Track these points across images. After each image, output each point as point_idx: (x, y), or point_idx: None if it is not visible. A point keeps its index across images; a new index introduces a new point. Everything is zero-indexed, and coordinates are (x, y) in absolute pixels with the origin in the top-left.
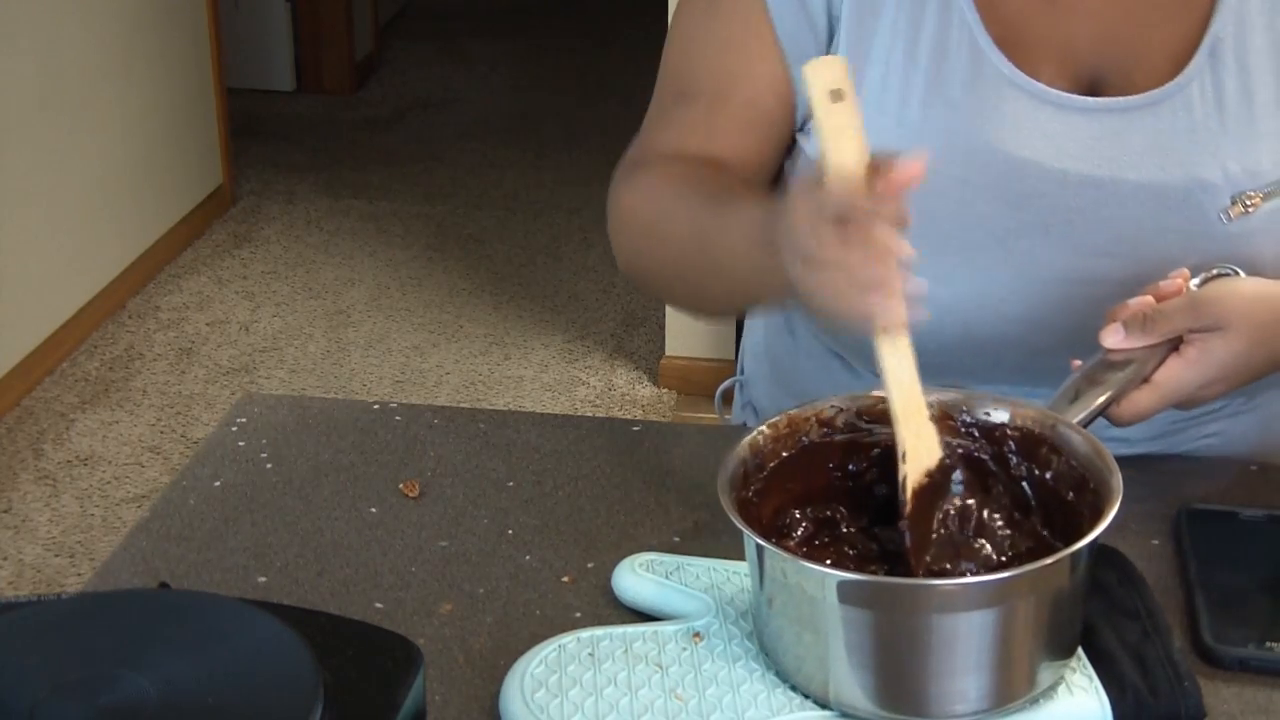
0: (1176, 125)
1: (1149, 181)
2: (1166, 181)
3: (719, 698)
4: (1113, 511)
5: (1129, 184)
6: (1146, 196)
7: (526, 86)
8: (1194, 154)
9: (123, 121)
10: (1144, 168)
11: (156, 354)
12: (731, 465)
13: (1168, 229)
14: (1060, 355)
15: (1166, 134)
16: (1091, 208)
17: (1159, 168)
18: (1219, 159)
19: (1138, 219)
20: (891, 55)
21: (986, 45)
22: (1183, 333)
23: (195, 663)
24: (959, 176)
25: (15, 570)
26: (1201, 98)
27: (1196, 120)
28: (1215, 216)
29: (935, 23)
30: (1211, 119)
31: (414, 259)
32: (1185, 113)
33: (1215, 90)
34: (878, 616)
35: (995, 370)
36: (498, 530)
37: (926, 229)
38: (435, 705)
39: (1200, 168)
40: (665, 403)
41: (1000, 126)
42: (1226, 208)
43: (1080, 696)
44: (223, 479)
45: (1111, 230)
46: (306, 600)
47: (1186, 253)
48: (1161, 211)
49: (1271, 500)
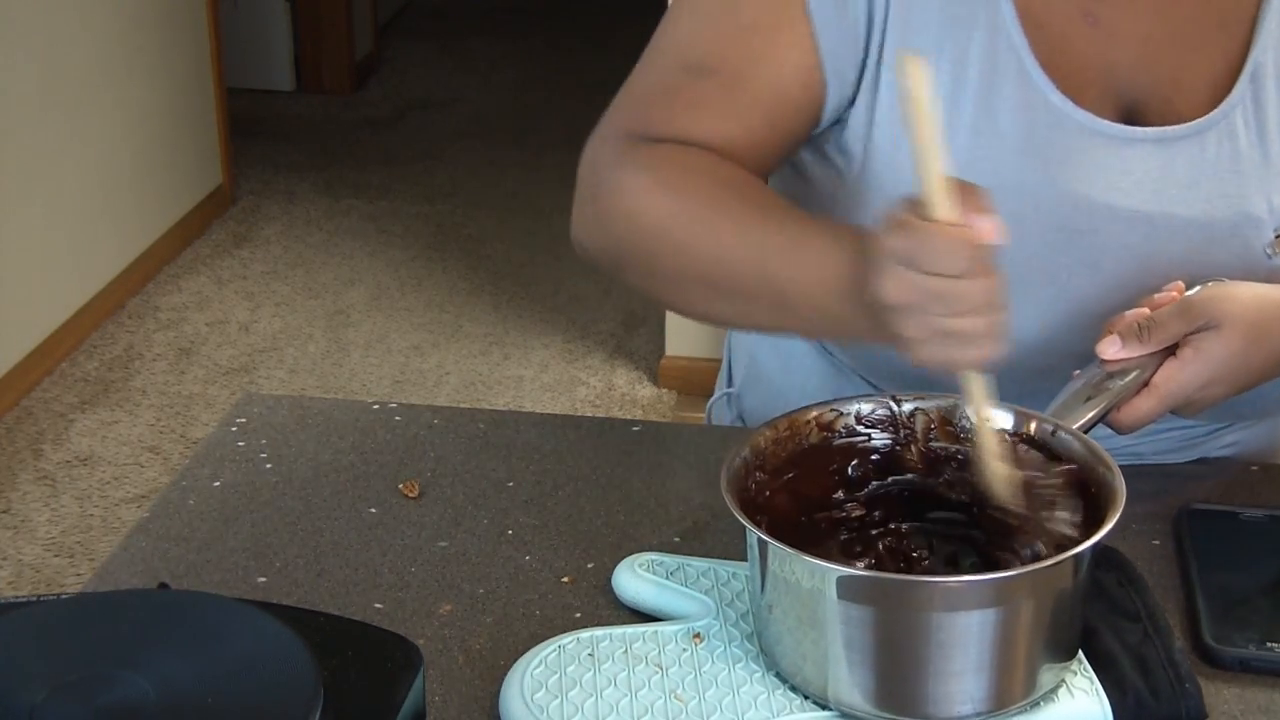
0: (1221, 156)
1: (1196, 216)
2: (1214, 215)
3: (719, 699)
4: (1115, 516)
5: (1178, 219)
6: (1194, 231)
7: (526, 86)
8: (1239, 186)
9: (123, 121)
10: (1191, 202)
11: (156, 354)
12: (734, 464)
13: (1215, 264)
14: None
15: (1211, 165)
16: (1141, 243)
17: (1205, 201)
18: (1264, 191)
19: (1186, 254)
20: (938, 76)
21: (1034, 70)
22: (1179, 338)
23: (195, 663)
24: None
25: (15, 570)
26: (1245, 126)
27: (1240, 150)
28: (1261, 251)
29: (983, 43)
30: (1255, 149)
31: (414, 259)
32: (1230, 142)
33: (1258, 118)
34: (877, 613)
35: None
36: (498, 530)
37: None
38: (435, 705)
39: (1246, 201)
40: (665, 403)
41: (1051, 159)
42: (1271, 242)
43: (1081, 698)
44: (222, 479)
45: (1161, 266)
46: (306, 600)
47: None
48: (1209, 247)
49: (1271, 500)
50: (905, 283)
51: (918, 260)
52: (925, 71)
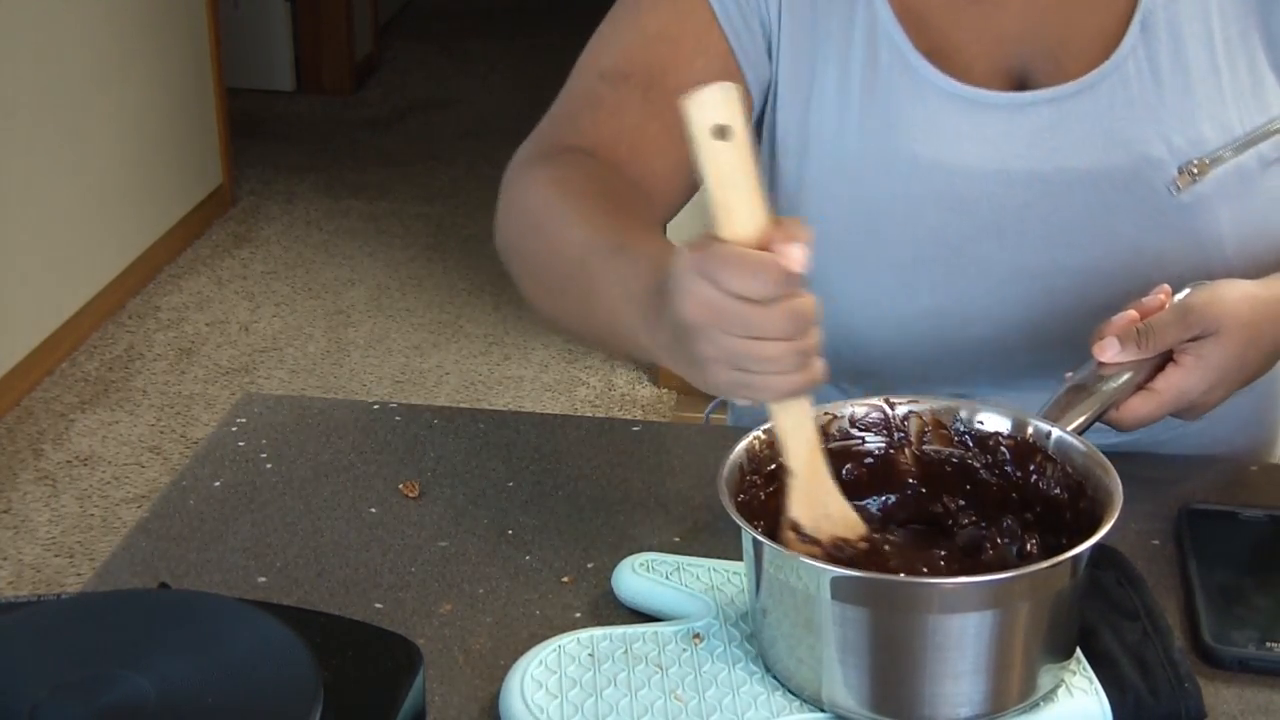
0: (1115, 105)
1: (1094, 167)
2: (1112, 164)
3: (719, 699)
4: (1113, 517)
5: (1074, 172)
6: (1094, 181)
7: (526, 86)
8: (1135, 131)
9: (123, 121)
10: (1087, 154)
11: (156, 354)
12: (730, 466)
13: (1119, 209)
14: (1034, 351)
15: (1105, 116)
16: (1040, 201)
17: (1102, 151)
18: (1161, 133)
19: (1088, 205)
20: (827, 85)
21: (914, 58)
22: (1176, 344)
23: (195, 663)
24: (903, 192)
25: (15, 570)
26: (1137, 74)
27: (1134, 96)
28: (1165, 190)
29: (863, 42)
30: (1149, 94)
31: (414, 259)
32: (1122, 91)
33: (1150, 64)
34: (873, 615)
35: (975, 374)
36: (498, 530)
37: (881, 246)
38: (435, 705)
39: (1144, 144)
40: (665, 403)
41: (936, 137)
42: (1174, 179)
43: (1080, 698)
44: (223, 479)
45: (1063, 220)
46: (306, 600)
47: (1140, 232)
48: (1111, 194)
49: (1271, 500)
50: (702, 300)
51: (717, 277)
52: (700, 108)
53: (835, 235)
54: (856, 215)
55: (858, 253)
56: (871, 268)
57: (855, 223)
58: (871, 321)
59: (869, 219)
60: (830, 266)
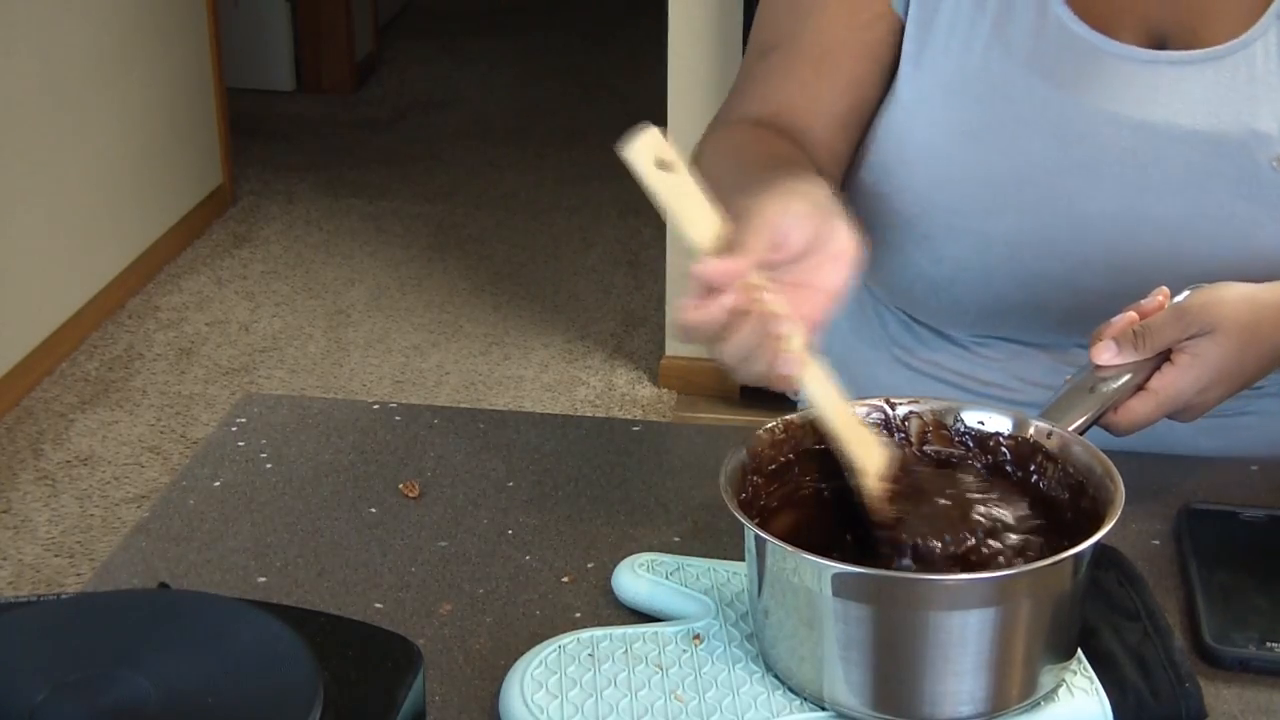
0: (1237, 79)
1: (1203, 129)
2: (1221, 129)
3: (719, 700)
4: (1115, 516)
5: (1182, 129)
6: (1199, 142)
7: (526, 86)
8: (1252, 106)
9: (123, 121)
10: (1199, 115)
11: (156, 354)
12: (732, 465)
13: (1218, 174)
14: (1105, 298)
15: (1226, 86)
16: (1143, 149)
17: (1214, 116)
18: (1275, 112)
19: (1188, 162)
20: (960, 3)
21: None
22: (1173, 344)
23: (195, 663)
24: (1014, 115)
25: (15, 570)
26: (1264, 55)
27: (1257, 74)
28: (1267, 165)
29: None
30: (1272, 75)
31: (414, 259)
32: (1246, 67)
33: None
34: (874, 612)
35: (1042, 314)
36: (498, 530)
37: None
38: (435, 705)
39: (1256, 119)
40: (665, 403)
41: (1057, 72)
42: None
43: (1081, 698)
44: (223, 479)
45: (1161, 171)
46: (306, 600)
47: (1235, 199)
48: (1214, 157)
49: (1271, 500)
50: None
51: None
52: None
53: (936, 144)
54: (960, 130)
55: (954, 165)
56: (964, 181)
57: (957, 136)
58: (954, 234)
59: (971, 135)
60: (924, 176)
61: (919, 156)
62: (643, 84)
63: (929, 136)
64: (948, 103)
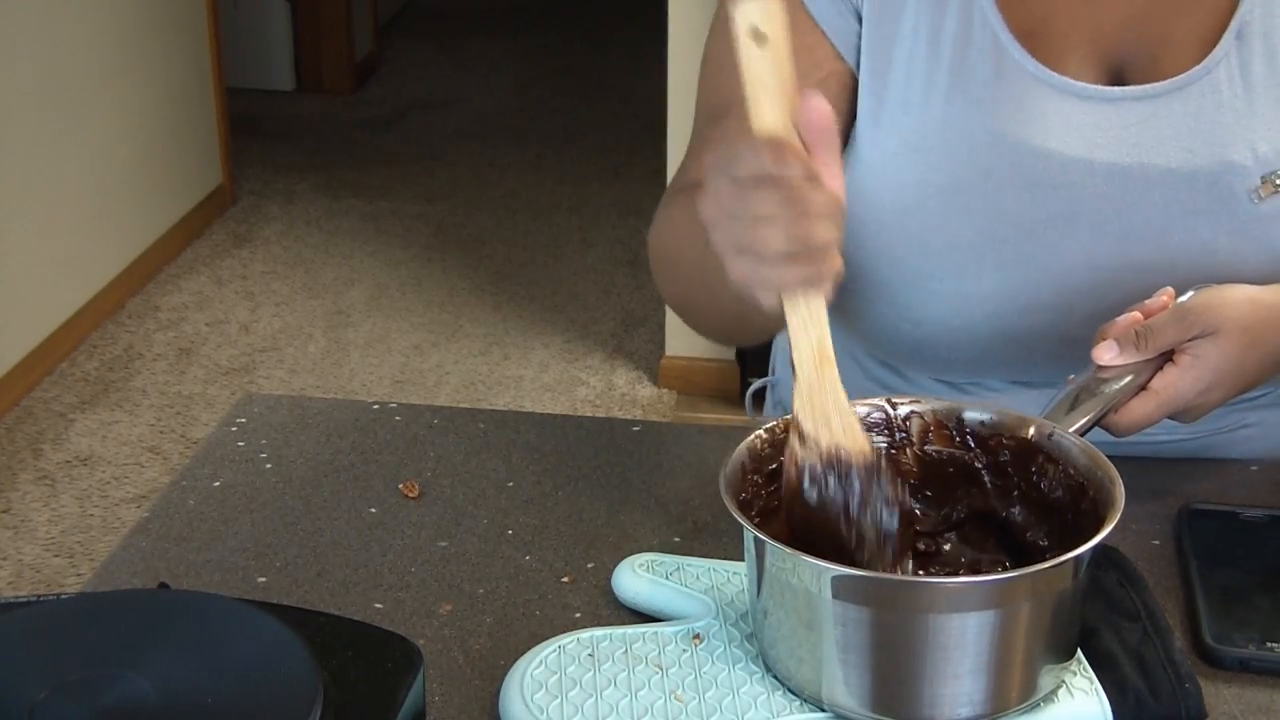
0: (1204, 109)
1: (1177, 166)
2: (1195, 165)
3: (719, 700)
4: (1115, 518)
5: (1157, 170)
6: (1175, 181)
7: (526, 86)
8: (1222, 136)
9: (122, 121)
10: (1172, 153)
11: (156, 354)
12: (732, 464)
13: (1197, 212)
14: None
15: (1194, 118)
16: (1119, 194)
17: (1187, 151)
18: (1248, 140)
19: (1166, 204)
20: (914, 56)
21: (1008, 41)
22: (1174, 345)
23: (195, 663)
24: (983, 169)
25: (15, 570)
26: (1229, 80)
27: (1224, 102)
28: (1245, 197)
29: (957, 21)
30: (1239, 100)
31: (414, 259)
32: (1212, 95)
33: (1242, 72)
34: (873, 614)
35: (1030, 361)
36: (498, 530)
37: (950, 222)
38: (435, 705)
39: (1229, 150)
40: (665, 403)
41: (1023, 119)
42: (1257, 188)
43: (1081, 699)
44: (222, 479)
45: (1140, 216)
46: (306, 600)
47: (1216, 235)
48: (1191, 195)
49: (1271, 500)
50: (713, 194)
51: (728, 167)
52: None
53: (905, 205)
54: (928, 189)
55: (925, 226)
56: (937, 242)
57: (926, 196)
58: (932, 297)
59: (941, 194)
60: (895, 239)
61: (887, 219)
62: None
63: (896, 198)
64: (914, 161)
